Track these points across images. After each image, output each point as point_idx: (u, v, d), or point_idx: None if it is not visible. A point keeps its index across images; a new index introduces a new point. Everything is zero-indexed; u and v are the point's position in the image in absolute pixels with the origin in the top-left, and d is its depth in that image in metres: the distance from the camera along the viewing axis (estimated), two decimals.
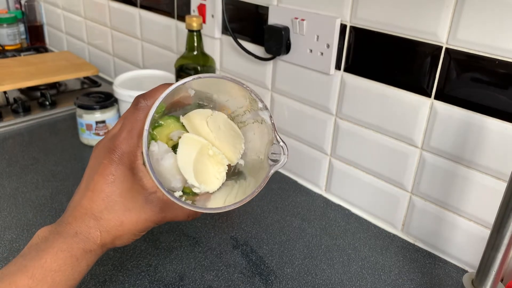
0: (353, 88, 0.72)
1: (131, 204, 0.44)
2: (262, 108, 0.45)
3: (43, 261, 0.40)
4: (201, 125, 0.47)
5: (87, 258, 0.43)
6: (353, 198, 0.79)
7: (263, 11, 0.81)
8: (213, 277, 0.62)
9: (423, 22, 0.61)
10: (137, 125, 0.44)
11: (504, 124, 0.57)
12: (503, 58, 0.55)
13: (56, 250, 0.41)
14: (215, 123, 0.47)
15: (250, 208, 0.78)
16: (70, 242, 0.42)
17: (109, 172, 0.43)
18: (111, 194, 0.43)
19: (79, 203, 0.44)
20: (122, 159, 0.44)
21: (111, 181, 0.43)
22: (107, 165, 0.43)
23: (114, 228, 0.43)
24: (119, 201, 0.43)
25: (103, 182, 0.43)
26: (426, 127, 0.65)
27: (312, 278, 0.63)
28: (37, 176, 0.84)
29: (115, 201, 0.43)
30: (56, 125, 1.05)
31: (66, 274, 0.41)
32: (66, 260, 0.41)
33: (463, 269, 0.66)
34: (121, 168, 0.43)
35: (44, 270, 0.40)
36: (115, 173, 0.43)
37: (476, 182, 0.62)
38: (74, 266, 0.42)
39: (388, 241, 0.72)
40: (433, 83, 0.62)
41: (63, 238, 0.42)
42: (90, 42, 1.39)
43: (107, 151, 0.44)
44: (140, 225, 0.45)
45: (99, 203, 0.43)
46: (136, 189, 0.44)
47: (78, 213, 0.44)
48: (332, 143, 0.79)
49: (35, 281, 0.39)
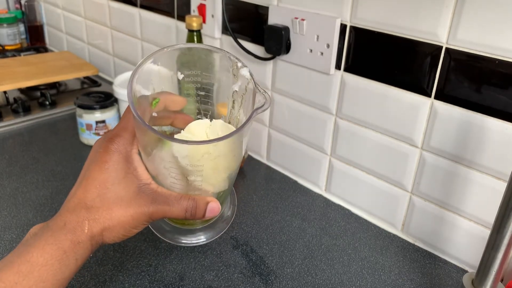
0: (353, 88, 0.72)
1: (123, 192, 0.43)
2: (242, 66, 0.45)
3: (30, 256, 0.40)
4: (201, 135, 0.47)
5: (75, 251, 0.42)
6: (353, 198, 0.79)
7: (263, 11, 0.81)
8: (213, 277, 0.62)
9: (423, 22, 0.61)
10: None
11: (504, 124, 0.57)
12: (503, 58, 0.55)
13: (43, 244, 0.41)
14: (214, 132, 0.48)
15: (250, 208, 0.78)
16: (58, 234, 0.42)
17: (104, 160, 0.43)
18: (104, 182, 0.43)
19: (74, 195, 0.44)
20: (118, 147, 0.44)
21: (105, 168, 0.43)
22: (102, 154, 0.44)
23: (103, 217, 0.43)
24: (112, 189, 0.43)
25: (98, 170, 0.43)
26: (426, 127, 0.65)
27: (312, 278, 0.63)
28: (37, 176, 0.84)
29: (108, 188, 0.43)
30: (56, 125, 1.05)
31: (54, 269, 0.41)
32: (53, 253, 0.41)
33: (463, 269, 0.66)
34: (116, 156, 0.44)
35: (31, 265, 0.39)
36: (110, 161, 0.43)
37: (476, 182, 0.62)
38: (61, 260, 0.41)
39: (388, 241, 0.72)
40: (433, 83, 0.62)
41: (51, 232, 0.42)
42: (90, 42, 1.39)
43: (104, 141, 0.45)
44: (130, 216, 0.43)
45: (92, 191, 0.43)
46: (130, 178, 0.44)
47: (72, 204, 0.44)
48: (332, 143, 0.79)
49: (21, 276, 0.39)
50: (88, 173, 0.44)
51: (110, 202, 0.43)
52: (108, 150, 0.44)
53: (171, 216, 0.44)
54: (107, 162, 0.43)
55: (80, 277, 0.61)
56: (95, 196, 0.43)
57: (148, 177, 0.44)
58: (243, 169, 0.90)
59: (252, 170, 0.91)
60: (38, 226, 0.44)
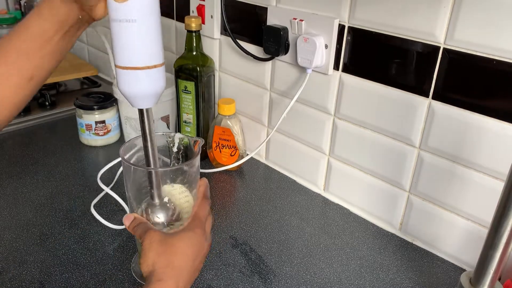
0: (351, 88, 0.72)
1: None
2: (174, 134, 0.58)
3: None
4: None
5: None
6: (351, 197, 0.79)
7: (262, 12, 0.81)
8: (212, 276, 0.62)
9: (421, 22, 0.61)
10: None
11: (501, 123, 0.57)
12: (500, 58, 0.55)
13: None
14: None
15: (249, 207, 0.78)
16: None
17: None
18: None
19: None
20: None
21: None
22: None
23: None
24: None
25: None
26: (424, 127, 0.65)
27: (310, 276, 0.64)
28: (37, 176, 0.84)
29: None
30: (55, 125, 1.05)
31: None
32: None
33: (461, 268, 0.67)
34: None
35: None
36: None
37: (474, 182, 0.62)
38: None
39: (386, 240, 0.72)
40: (431, 83, 0.62)
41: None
42: (89, 42, 1.39)
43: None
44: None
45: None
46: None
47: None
48: (331, 143, 0.79)
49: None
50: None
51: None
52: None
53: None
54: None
55: (80, 277, 0.61)
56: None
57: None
58: (242, 169, 0.90)
59: (251, 169, 0.91)
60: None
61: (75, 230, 0.70)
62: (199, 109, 0.88)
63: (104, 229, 0.70)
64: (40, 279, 0.60)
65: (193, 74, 0.85)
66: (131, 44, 0.42)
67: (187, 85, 0.86)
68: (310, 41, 0.72)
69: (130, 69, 0.43)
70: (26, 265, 0.62)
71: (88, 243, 0.67)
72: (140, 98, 0.45)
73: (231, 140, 0.87)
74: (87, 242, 0.68)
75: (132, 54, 0.42)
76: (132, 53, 0.42)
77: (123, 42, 0.42)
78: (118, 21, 0.41)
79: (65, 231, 0.70)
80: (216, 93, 0.97)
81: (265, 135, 0.92)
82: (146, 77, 0.43)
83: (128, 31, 0.42)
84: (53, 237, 0.68)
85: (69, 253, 0.65)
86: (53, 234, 0.69)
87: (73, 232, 0.70)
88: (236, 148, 0.88)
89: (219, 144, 0.88)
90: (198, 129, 0.90)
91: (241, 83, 0.92)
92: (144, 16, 0.41)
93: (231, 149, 0.88)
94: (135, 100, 0.45)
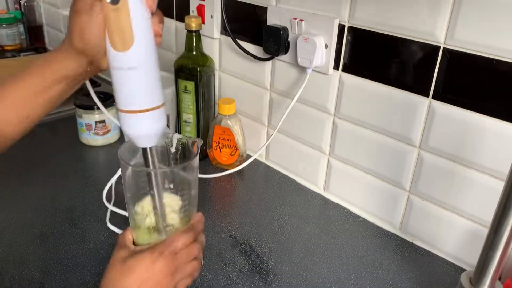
0: (351, 88, 0.72)
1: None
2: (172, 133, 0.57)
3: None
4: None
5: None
6: (351, 197, 0.79)
7: (262, 12, 0.81)
8: (212, 276, 0.62)
9: (421, 22, 0.61)
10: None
11: (501, 123, 0.57)
12: (501, 58, 0.55)
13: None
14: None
15: (249, 207, 0.78)
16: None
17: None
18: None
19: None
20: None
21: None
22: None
23: None
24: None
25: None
26: (424, 127, 0.65)
27: (310, 276, 0.64)
28: (37, 176, 0.84)
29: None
30: (56, 125, 1.05)
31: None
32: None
33: (461, 268, 0.67)
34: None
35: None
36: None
37: (474, 181, 0.62)
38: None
39: (386, 240, 0.72)
40: (431, 83, 0.62)
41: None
42: None
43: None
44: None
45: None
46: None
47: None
48: (331, 143, 0.79)
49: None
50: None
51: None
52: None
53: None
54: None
55: (80, 277, 0.61)
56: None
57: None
58: (242, 169, 0.90)
59: (251, 169, 0.91)
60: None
61: (75, 230, 0.70)
62: (199, 108, 0.88)
63: (104, 229, 0.70)
64: (40, 279, 0.60)
65: (193, 74, 0.85)
66: (134, 90, 0.43)
67: (187, 85, 0.86)
68: (310, 41, 0.72)
69: (133, 112, 0.44)
70: (26, 265, 0.62)
71: (88, 243, 0.67)
72: (143, 137, 0.46)
73: (231, 139, 0.87)
74: (87, 242, 0.68)
75: (135, 99, 0.44)
76: (134, 98, 0.44)
77: (125, 88, 0.43)
78: (119, 69, 0.43)
79: (65, 231, 0.70)
80: (216, 93, 0.97)
81: (265, 135, 0.92)
82: (149, 119, 0.45)
83: (130, 78, 0.43)
84: (53, 237, 0.68)
85: (69, 253, 0.65)
86: (53, 234, 0.69)
87: (73, 232, 0.70)
88: (236, 147, 0.88)
89: (219, 144, 0.88)
90: (198, 129, 0.90)
91: (241, 83, 0.92)
92: (144, 62, 0.43)
93: (231, 148, 0.88)
94: (139, 139, 0.47)
